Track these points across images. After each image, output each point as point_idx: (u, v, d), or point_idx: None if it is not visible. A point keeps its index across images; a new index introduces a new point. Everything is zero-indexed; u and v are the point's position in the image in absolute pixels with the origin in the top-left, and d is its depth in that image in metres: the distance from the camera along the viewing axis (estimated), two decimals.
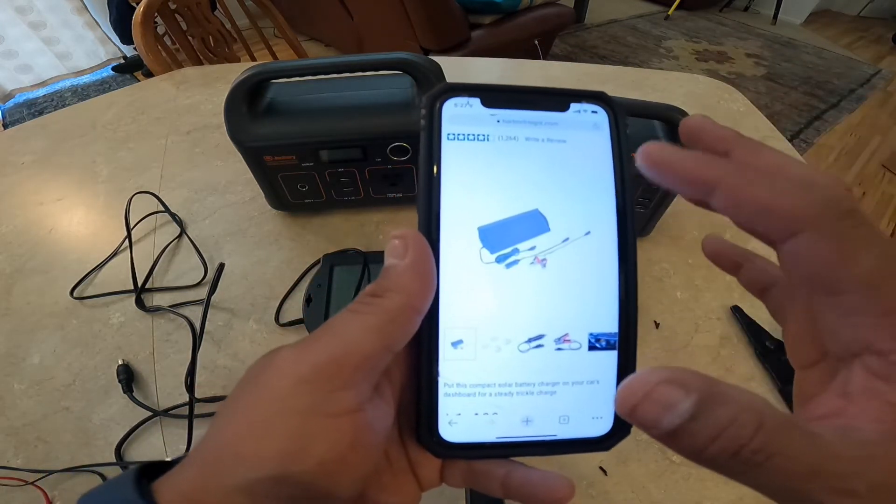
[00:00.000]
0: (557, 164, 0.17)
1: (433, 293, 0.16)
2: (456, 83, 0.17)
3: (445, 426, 0.16)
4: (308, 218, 0.52)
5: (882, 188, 1.80)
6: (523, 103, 0.17)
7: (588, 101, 0.18)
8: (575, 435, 0.17)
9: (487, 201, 0.17)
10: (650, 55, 2.64)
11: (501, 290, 0.17)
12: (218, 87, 0.74)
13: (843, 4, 3.36)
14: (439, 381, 0.16)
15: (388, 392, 0.17)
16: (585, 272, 0.17)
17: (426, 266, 0.16)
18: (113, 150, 0.62)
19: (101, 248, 0.49)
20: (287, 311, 0.44)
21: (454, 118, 0.17)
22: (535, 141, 0.17)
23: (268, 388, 0.14)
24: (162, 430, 0.37)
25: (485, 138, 0.17)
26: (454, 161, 0.17)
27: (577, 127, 0.18)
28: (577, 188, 0.17)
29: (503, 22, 1.86)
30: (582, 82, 0.77)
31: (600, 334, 0.17)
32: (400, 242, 0.16)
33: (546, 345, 0.17)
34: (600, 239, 0.17)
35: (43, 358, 0.41)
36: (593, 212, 0.17)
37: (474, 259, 0.16)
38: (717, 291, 0.46)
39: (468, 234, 0.17)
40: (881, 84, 2.45)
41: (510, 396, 0.16)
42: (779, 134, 0.66)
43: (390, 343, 0.15)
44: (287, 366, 0.14)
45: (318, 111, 0.44)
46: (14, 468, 0.34)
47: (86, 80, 2.25)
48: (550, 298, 0.17)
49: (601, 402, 0.17)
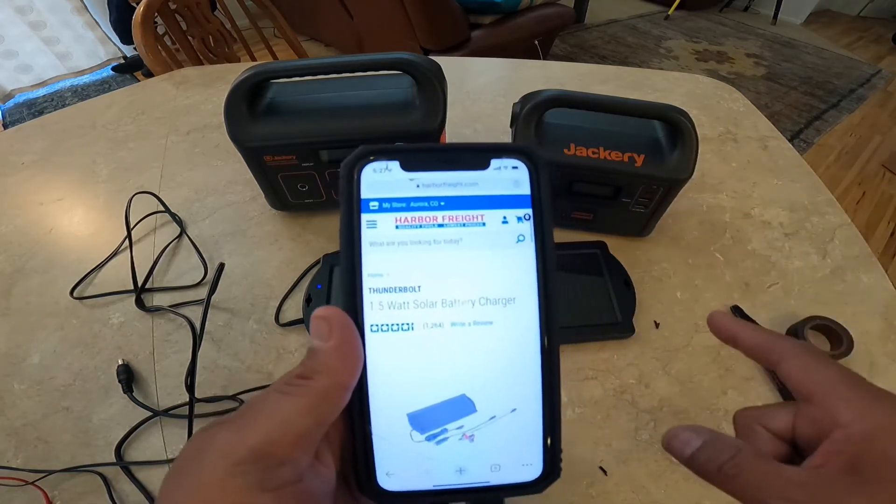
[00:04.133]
0: (481, 347, 0.17)
1: (360, 369, 0.16)
2: (373, 147, 0.17)
3: (383, 476, 0.17)
4: (308, 218, 0.52)
5: (882, 188, 1.80)
6: (443, 163, 0.17)
7: (508, 155, 0.18)
8: (507, 481, 0.18)
9: (416, 388, 0.17)
10: (650, 55, 2.64)
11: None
12: (218, 87, 0.74)
13: (843, 4, 3.36)
14: (373, 439, 0.17)
15: (327, 455, 0.17)
16: (512, 440, 0.18)
17: (351, 345, 0.16)
18: (113, 150, 0.62)
19: (101, 248, 0.49)
20: (287, 311, 0.44)
21: (373, 185, 0.17)
22: (454, 244, 0.17)
23: (207, 470, 0.14)
24: (162, 430, 0.37)
25: (407, 325, 0.17)
26: (381, 352, 0.17)
27: (498, 186, 0.18)
28: (502, 365, 0.18)
29: (503, 22, 1.86)
30: (582, 82, 0.77)
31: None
32: (324, 323, 0.16)
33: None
34: (527, 413, 0.18)
35: (43, 358, 0.41)
36: (519, 386, 0.18)
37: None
38: (717, 291, 0.46)
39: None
40: (881, 84, 2.45)
41: (442, 450, 0.17)
42: (779, 134, 0.66)
43: (323, 420, 0.16)
44: (224, 449, 0.14)
45: (318, 111, 0.44)
46: (14, 468, 0.34)
47: (86, 80, 2.25)
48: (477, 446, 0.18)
49: (530, 451, 0.18)
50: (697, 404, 0.39)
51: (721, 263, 0.49)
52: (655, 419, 0.38)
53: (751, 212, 0.54)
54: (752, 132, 0.66)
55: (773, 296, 0.46)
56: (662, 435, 0.19)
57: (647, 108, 0.41)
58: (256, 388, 0.38)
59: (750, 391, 0.39)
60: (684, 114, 0.41)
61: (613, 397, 0.39)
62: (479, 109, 0.70)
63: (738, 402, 0.39)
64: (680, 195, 0.44)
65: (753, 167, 0.60)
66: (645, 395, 0.39)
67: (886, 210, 1.70)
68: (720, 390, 0.40)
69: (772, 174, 0.59)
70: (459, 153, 0.18)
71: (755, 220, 0.53)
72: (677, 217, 0.53)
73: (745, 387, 0.40)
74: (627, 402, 0.39)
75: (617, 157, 0.42)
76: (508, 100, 0.51)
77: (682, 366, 0.41)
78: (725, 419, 0.38)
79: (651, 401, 0.39)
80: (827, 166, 1.89)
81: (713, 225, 0.53)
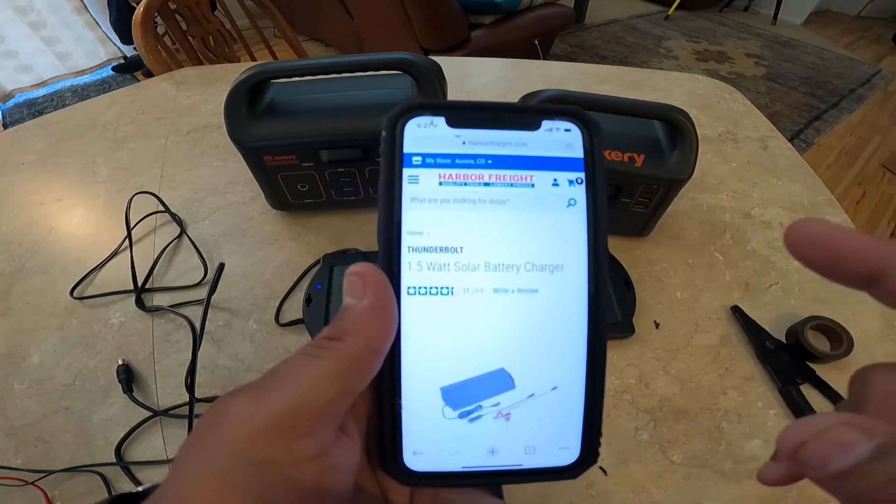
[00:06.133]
0: (524, 318, 0.16)
1: (394, 333, 0.15)
2: (419, 101, 0.16)
3: (410, 455, 0.16)
4: (308, 218, 0.52)
5: (882, 188, 1.80)
6: (491, 122, 0.16)
7: (561, 117, 0.17)
8: (541, 465, 0.17)
9: (452, 359, 0.16)
10: (650, 55, 2.64)
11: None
12: (218, 87, 0.74)
13: (843, 4, 3.36)
14: (402, 414, 0.16)
15: (352, 428, 0.16)
16: (550, 421, 0.17)
17: (386, 306, 0.15)
18: (113, 150, 0.62)
19: (101, 248, 0.49)
20: (287, 311, 0.44)
21: (417, 140, 0.16)
22: (500, 205, 0.16)
23: (224, 440, 0.13)
24: (162, 430, 0.37)
25: (445, 290, 0.16)
26: (417, 317, 0.16)
27: (549, 148, 0.17)
28: (546, 338, 0.16)
29: (503, 22, 1.86)
30: (582, 82, 0.77)
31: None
32: (358, 280, 0.15)
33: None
34: (568, 393, 0.16)
35: (43, 358, 0.41)
36: (561, 363, 0.16)
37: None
38: (717, 291, 0.46)
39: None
40: (881, 84, 2.45)
41: (475, 428, 0.16)
42: (779, 134, 0.66)
43: (351, 388, 0.15)
44: (243, 417, 0.14)
45: (318, 111, 0.44)
46: (14, 468, 0.34)
47: (86, 80, 2.25)
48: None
49: (568, 433, 0.17)
50: (697, 404, 0.39)
51: (721, 263, 0.49)
52: (655, 419, 0.38)
53: (751, 212, 0.54)
54: (752, 132, 0.66)
55: (773, 296, 0.46)
56: (780, 433, 0.12)
57: (647, 108, 0.41)
58: None
59: (750, 391, 0.39)
60: (684, 114, 0.41)
61: (613, 397, 0.39)
62: None
63: (738, 401, 0.39)
64: (680, 195, 0.44)
65: (753, 167, 0.60)
66: (645, 394, 0.39)
67: (886, 210, 1.70)
68: (720, 390, 0.40)
69: (772, 174, 0.59)
70: (509, 112, 0.17)
71: (755, 220, 0.54)
72: (677, 217, 0.53)
73: (745, 387, 0.40)
74: (627, 402, 0.39)
75: (617, 157, 0.42)
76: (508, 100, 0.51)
77: (682, 366, 0.41)
78: (725, 419, 0.38)
79: (651, 401, 0.39)
80: (827, 166, 1.89)
81: (713, 225, 0.53)
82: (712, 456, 0.36)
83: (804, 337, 0.40)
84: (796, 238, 0.13)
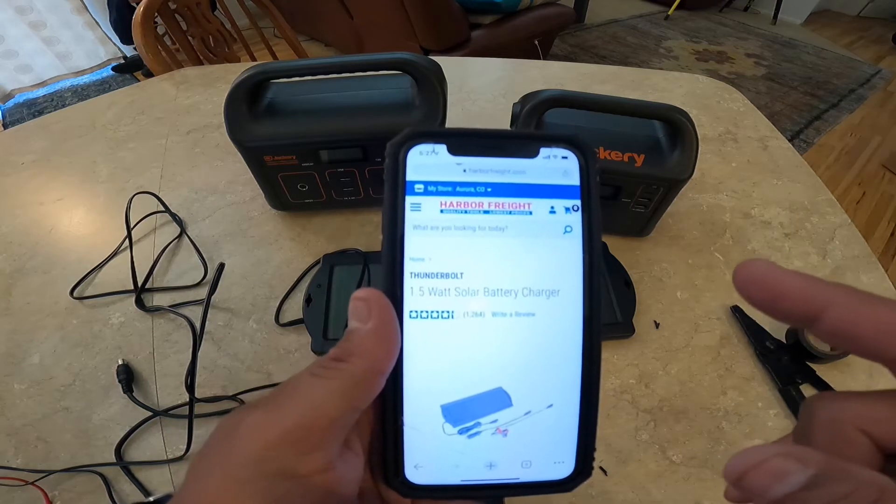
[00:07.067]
0: (521, 339, 0.17)
1: (397, 355, 0.16)
2: (421, 129, 0.17)
3: (411, 469, 0.17)
4: (308, 218, 0.52)
5: (882, 188, 1.80)
6: (491, 149, 0.17)
7: (558, 145, 0.17)
8: (537, 478, 0.17)
9: (452, 378, 0.17)
10: (650, 55, 2.64)
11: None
12: (218, 87, 0.74)
13: (843, 4, 3.36)
14: (404, 429, 0.17)
15: (356, 443, 0.17)
16: (546, 437, 0.17)
17: (389, 329, 0.16)
18: (113, 150, 0.62)
19: (101, 248, 0.49)
20: (287, 311, 0.44)
21: (419, 167, 0.17)
22: (499, 232, 0.17)
23: (241, 450, 0.14)
24: (162, 430, 0.37)
25: (448, 314, 0.17)
26: (419, 339, 0.17)
27: (546, 176, 0.17)
28: (542, 359, 0.17)
29: (503, 22, 1.86)
30: (582, 82, 0.77)
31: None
32: (362, 305, 0.16)
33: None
34: (563, 410, 0.17)
35: (43, 358, 0.41)
36: (558, 381, 0.17)
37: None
38: (717, 291, 0.46)
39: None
40: (881, 84, 2.45)
41: (474, 444, 0.17)
42: (779, 134, 0.66)
43: (356, 406, 0.15)
44: (257, 429, 0.14)
45: (318, 111, 0.44)
46: (14, 468, 0.34)
47: (86, 80, 2.25)
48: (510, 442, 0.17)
49: (563, 449, 0.17)
50: (697, 404, 0.39)
51: (721, 263, 0.49)
52: (655, 419, 0.38)
53: (751, 212, 0.54)
54: (752, 132, 0.66)
55: None
56: (728, 461, 0.12)
57: (647, 108, 0.41)
58: (256, 388, 0.38)
59: (750, 391, 0.39)
60: (684, 114, 0.41)
61: (613, 397, 0.39)
62: (479, 109, 0.70)
63: (738, 402, 0.39)
64: (680, 195, 0.44)
65: (753, 167, 0.60)
66: (645, 394, 0.39)
67: (886, 210, 1.70)
68: (720, 390, 0.40)
69: (772, 174, 0.59)
70: (508, 140, 0.17)
71: (755, 220, 0.54)
72: (677, 217, 0.53)
73: (745, 387, 0.40)
74: (627, 402, 0.39)
75: (617, 157, 0.42)
76: (508, 100, 0.51)
77: (682, 366, 0.41)
78: (725, 419, 0.38)
79: (651, 401, 0.39)
80: (827, 166, 1.89)
81: (713, 225, 0.53)
82: (712, 456, 0.36)
83: (804, 337, 0.40)
84: (742, 278, 0.14)
